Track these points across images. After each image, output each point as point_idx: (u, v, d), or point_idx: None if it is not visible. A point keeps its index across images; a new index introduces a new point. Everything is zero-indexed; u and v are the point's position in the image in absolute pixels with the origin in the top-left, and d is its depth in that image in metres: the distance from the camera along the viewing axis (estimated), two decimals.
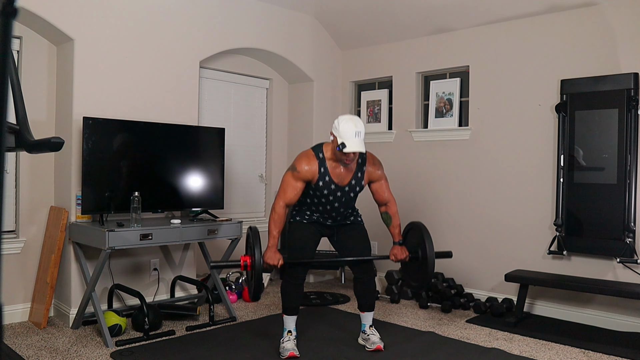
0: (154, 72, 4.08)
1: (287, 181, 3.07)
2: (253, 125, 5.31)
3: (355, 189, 3.17)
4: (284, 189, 3.07)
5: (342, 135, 2.89)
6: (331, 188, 3.09)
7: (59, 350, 3.18)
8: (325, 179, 3.06)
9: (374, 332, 3.30)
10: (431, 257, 3.10)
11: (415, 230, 3.27)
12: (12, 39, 0.81)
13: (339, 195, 3.13)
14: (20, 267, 3.75)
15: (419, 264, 3.22)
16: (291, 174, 3.07)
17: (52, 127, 3.88)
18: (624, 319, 3.74)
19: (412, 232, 3.32)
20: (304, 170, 3.04)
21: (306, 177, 3.04)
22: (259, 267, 2.87)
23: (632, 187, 3.70)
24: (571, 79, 3.96)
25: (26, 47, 3.75)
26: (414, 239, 3.28)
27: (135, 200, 3.49)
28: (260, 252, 2.91)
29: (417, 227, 3.25)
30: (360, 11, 4.91)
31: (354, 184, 3.14)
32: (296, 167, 3.06)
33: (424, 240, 3.15)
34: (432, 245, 3.14)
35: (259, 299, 3.04)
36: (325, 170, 3.06)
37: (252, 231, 3.02)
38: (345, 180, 3.11)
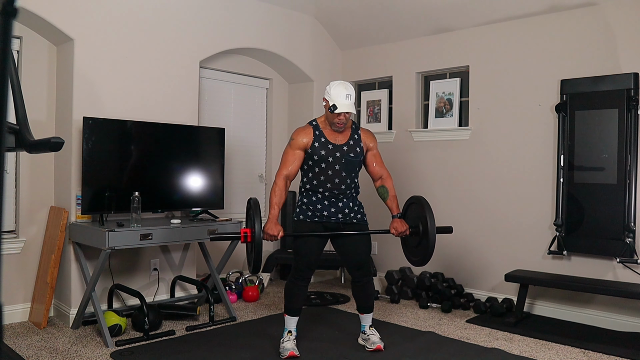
0: (154, 72, 4.08)
1: (286, 152, 3.16)
2: (253, 125, 5.31)
3: (355, 150, 3.17)
4: (283, 161, 3.14)
5: (333, 99, 3.01)
6: (329, 148, 3.11)
7: (59, 350, 3.18)
8: (321, 140, 3.12)
9: (373, 332, 3.30)
10: (432, 231, 3.06)
11: (417, 205, 3.23)
12: (12, 39, 0.81)
13: (338, 156, 3.12)
14: (20, 267, 3.75)
15: (419, 239, 3.17)
16: (288, 146, 3.16)
17: (52, 127, 3.88)
18: (624, 319, 3.74)
19: (413, 207, 3.27)
20: (299, 137, 3.12)
21: (302, 142, 3.11)
22: (259, 238, 2.87)
23: (632, 187, 3.70)
24: (571, 79, 3.96)
25: (26, 47, 3.75)
26: (415, 213, 3.23)
27: (135, 200, 3.49)
28: (261, 223, 2.90)
29: (419, 202, 3.21)
30: (360, 11, 4.91)
31: (352, 144, 3.17)
32: (292, 137, 3.16)
33: (425, 215, 3.10)
34: (434, 220, 3.10)
35: (259, 270, 3.03)
36: (320, 133, 3.13)
37: (253, 202, 3.01)
38: (342, 140, 3.16)
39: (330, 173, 3.12)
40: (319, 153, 3.09)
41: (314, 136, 3.12)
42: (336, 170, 3.12)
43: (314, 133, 3.13)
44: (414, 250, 3.27)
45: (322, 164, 3.11)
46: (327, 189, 3.14)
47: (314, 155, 3.10)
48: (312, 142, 3.11)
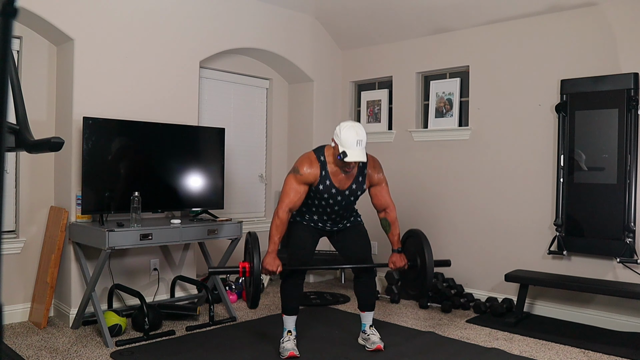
0: (154, 72, 4.08)
1: (290, 184, 3.03)
2: (253, 125, 5.31)
3: (356, 193, 3.15)
4: (287, 192, 3.03)
5: (343, 144, 2.86)
6: (331, 192, 3.07)
7: (59, 350, 3.18)
8: (326, 183, 3.04)
9: (374, 332, 3.30)
10: (430, 266, 3.07)
11: (415, 238, 3.25)
12: (12, 39, 0.81)
13: (339, 199, 3.11)
14: (20, 267, 3.75)
15: (417, 272, 3.20)
16: (294, 177, 3.02)
17: (52, 127, 3.88)
18: (624, 319, 3.74)
19: (411, 240, 3.30)
20: (307, 173, 3.00)
21: (308, 179, 3.02)
22: (257, 273, 2.85)
23: (632, 187, 3.70)
24: (571, 79, 3.96)
25: (26, 47, 3.75)
26: (413, 247, 3.26)
27: (135, 200, 3.49)
28: (260, 258, 2.89)
29: (417, 235, 3.23)
30: (360, 11, 4.91)
31: (355, 188, 3.12)
32: (299, 170, 3.02)
33: (423, 249, 3.13)
34: (431, 254, 3.11)
35: (257, 306, 3.00)
36: (326, 174, 3.03)
37: (252, 237, 3.01)
38: (345, 184, 3.08)
39: (328, 210, 3.16)
40: (322, 194, 3.08)
41: (320, 177, 3.02)
42: (334, 209, 3.16)
43: (320, 173, 3.02)
44: (411, 284, 3.30)
45: (322, 201, 3.12)
46: (321, 214, 3.18)
47: (317, 193, 3.08)
48: (318, 182, 3.04)
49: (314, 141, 5.31)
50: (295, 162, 3.11)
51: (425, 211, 4.86)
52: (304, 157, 3.09)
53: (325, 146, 3.12)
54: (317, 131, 5.34)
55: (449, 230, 4.70)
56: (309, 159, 3.05)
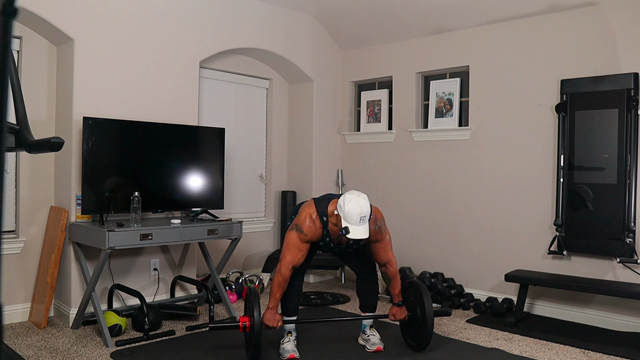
0: (154, 72, 4.08)
1: (294, 243, 2.98)
2: (253, 125, 5.31)
3: (353, 247, 3.16)
4: (290, 250, 2.98)
5: (347, 219, 2.81)
6: (330, 246, 3.12)
7: (59, 350, 3.18)
8: (326, 240, 3.07)
9: (374, 333, 3.30)
10: (430, 317, 3.09)
11: (414, 289, 3.27)
12: (12, 39, 0.81)
13: (336, 251, 3.19)
14: (20, 267, 3.75)
15: (418, 324, 3.22)
16: (297, 235, 2.98)
17: (52, 127, 3.88)
18: (624, 319, 3.74)
19: (411, 291, 3.31)
20: (310, 233, 2.98)
21: (312, 239, 3.01)
22: (258, 329, 2.85)
23: (632, 187, 3.70)
24: (571, 79, 3.96)
25: (26, 47, 3.75)
26: (413, 297, 3.27)
27: (135, 200, 3.49)
28: (260, 313, 2.88)
29: (416, 286, 3.25)
30: (360, 11, 4.91)
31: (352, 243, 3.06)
32: (302, 230, 2.97)
33: (422, 300, 3.14)
34: (431, 305, 3.13)
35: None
36: (327, 233, 3.03)
37: (252, 292, 3.00)
38: (345, 241, 3.03)
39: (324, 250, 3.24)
40: (321, 247, 3.15)
41: (321, 236, 3.03)
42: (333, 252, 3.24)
43: (322, 233, 3.01)
44: (413, 336, 3.30)
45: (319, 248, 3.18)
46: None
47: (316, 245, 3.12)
48: (319, 240, 3.06)
49: (314, 141, 5.31)
50: (298, 216, 3.04)
51: (425, 211, 4.86)
52: (307, 213, 3.01)
53: (330, 202, 3.01)
54: (317, 131, 5.34)
55: (449, 230, 4.70)
56: (311, 219, 2.98)
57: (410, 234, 4.94)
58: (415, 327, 3.24)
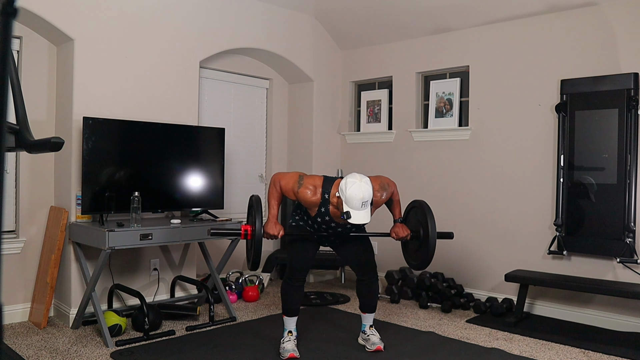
0: (154, 72, 4.08)
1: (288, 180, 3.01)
2: (253, 125, 5.31)
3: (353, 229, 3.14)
4: (287, 179, 3.01)
5: (348, 202, 2.78)
6: (331, 225, 3.07)
7: (59, 350, 3.18)
8: (325, 218, 3.03)
9: (374, 333, 3.30)
10: (432, 236, 3.04)
11: (418, 209, 3.21)
12: (12, 39, 0.81)
13: (339, 230, 3.12)
14: (20, 267, 3.75)
15: (419, 243, 3.16)
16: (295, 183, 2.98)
17: (52, 127, 3.88)
18: (624, 319, 3.74)
19: (415, 211, 3.25)
20: (304, 195, 2.95)
21: (303, 199, 2.97)
22: (259, 236, 2.87)
23: (632, 187, 3.70)
24: (571, 79, 3.96)
25: (26, 47, 3.75)
26: (416, 218, 3.22)
27: (135, 200, 3.49)
28: (261, 221, 2.90)
29: (420, 206, 3.19)
30: (360, 11, 4.91)
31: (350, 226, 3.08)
32: (302, 184, 2.96)
33: (426, 219, 3.08)
34: (435, 224, 3.07)
35: (258, 268, 3.07)
36: (325, 211, 2.99)
37: (254, 200, 3.00)
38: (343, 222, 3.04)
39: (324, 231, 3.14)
40: (319, 222, 3.06)
41: (317, 210, 2.99)
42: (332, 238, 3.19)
43: (319, 209, 2.99)
44: (413, 255, 3.26)
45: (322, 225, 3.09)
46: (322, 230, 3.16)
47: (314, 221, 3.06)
48: (315, 214, 3.02)
49: (314, 141, 5.31)
50: (307, 177, 3.03)
51: None
52: (314, 180, 3.00)
53: (335, 181, 2.99)
54: (317, 131, 5.34)
55: (449, 230, 4.69)
56: (314, 187, 2.96)
57: None
58: (417, 247, 3.20)
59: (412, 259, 3.27)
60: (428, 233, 3.06)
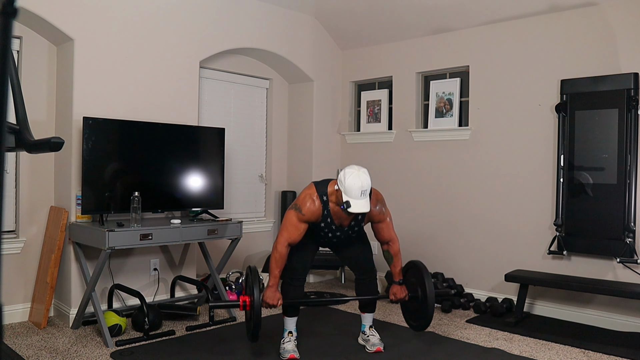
0: (154, 72, 4.08)
1: (292, 222, 2.98)
2: (253, 125, 5.31)
3: (355, 229, 3.15)
4: (287, 228, 2.99)
5: (348, 193, 2.81)
6: (332, 228, 3.09)
7: (59, 350, 3.18)
8: (327, 221, 3.04)
9: (373, 333, 3.30)
10: (431, 298, 3.09)
11: (415, 270, 3.26)
12: (12, 39, 0.81)
13: (339, 235, 3.14)
14: (20, 267, 3.75)
15: (419, 304, 3.21)
16: (295, 215, 2.98)
17: (52, 127, 3.88)
18: (624, 319, 3.74)
19: (412, 271, 3.30)
20: (309, 213, 2.97)
21: (310, 220, 2.99)
22: (258, 307, 2.86)
23: (632, 187, 3.70)
24: (571, 79, 3.96)
25: (26, 47, 3.75)
26: (414, 278, 3.27)
27: (135, 200, 3.49)
28: (260, 292, 2.89)
29: (417, 267, 3.24)
30: (360, 11, 4.91)
31: (354, 224, 3.11)
32: (301, 209, 2.97)
33: (423, 280, 3.14)
34: (432, 285, 3.12)
35: (258, 339, 3.02)
36: (328, 213, 3.01)
37: (252, 271, 3.01)
38: (346, 222, 3.07)
39: (326, 240, 3.17)
40: (323, 229, 3.08)
41: (321, 217, 3.00)
42: (332, 240, 3.18)
43: (322, 213, 3.00)
44: (413, 315, 3.30)
45: (321, 232, 3.12)
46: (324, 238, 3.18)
47: (317, 227, 3.07)
48: (319, 221, 3.03)
49: (314, 141, 5.31)
50: (298, 197, 3.06)
51: (425, 211, 4.86)
52: (306, 194, 3.01)
53: (329, 182, 3.03)
54: (317, 131, 5.34)
55: (449, 230, 4.70)
56: (312, 199, 2.98)
57: (410, 233, 4.93)
58: (416, 307, 3.23)
59: (412, 320, 3.31)
60: (426, 294, 3.09)
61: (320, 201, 2.98)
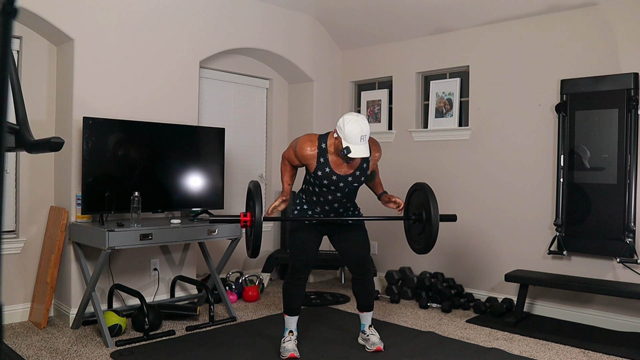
0: (154, 72, 4.08)
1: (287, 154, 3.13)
2: (253, 125, 5.31)
3: (360, 179, 3.08)
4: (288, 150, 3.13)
5: (347, 139, 2.80)
6: (332, 179, 3.01)
7: (59, 350, 3.18)
8: (325, 170, 2.99)
9: (373, 333, 3.30)
10: (435, 219, 3.02)
11: (420, 192, 3.18)
12: (12, 39, 0.81)
13: (341, 186, 3.05)
14: (20, 267, 3.75)
15: (422, 226, 3.14)
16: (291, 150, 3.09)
17: (52, 127, 3.88)
18: (624, 319, 3.74)
19: (417, 194, 3.23)
20: (301, 151, 3.00)
21: (302, 156, 3.00)
22: (258, 222, 2.82)
23: (632, 187, 3.70)
24: (571, 79, 3.96)
25: (26, 47, 3.75)
26: (419, 200, 3.19)
27: (135, 200, 3.49)
28: (261, 207, 2.87)
29: (422, 188, 3.16)
30: (360, 11, 4.91)
31: (359, 174, 3.05)
32: (297, 148, 3.03)
33: (428, 202, 3.05)
34: (437, 207, 3.05)
35: (258, 255, 3.03)
36: (325, 161, 2.98)
37: (254, 186, 2.95)
38: (348, 171, 3.02)
39: (330, 197, 3.09)
40: (321, 180, 3.02)
41: (317, 163, 2.97)
42: (336, 196, 3.10)
43: (317, 160, 2.97)
44: (417, 238, 3.23)
45: (323, 188, 3.06)
46: (325, 202, 3.12)
47: (316, 179, 3.03)
48: (315, 168, 2.99)
49: None
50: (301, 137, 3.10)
51: None
52: (307, 136, 3.07)
53: (330, 133, 3.04)
54: (317, 131, 5.32)
55: (449, 230, 4.70)
56: (310, 141, 3.01)
57: None
58: (420, 230, 3.18)
59: (416, 243, 3.25)
60: (431, 215, 3.03)
61: (318, 147, 2.98)
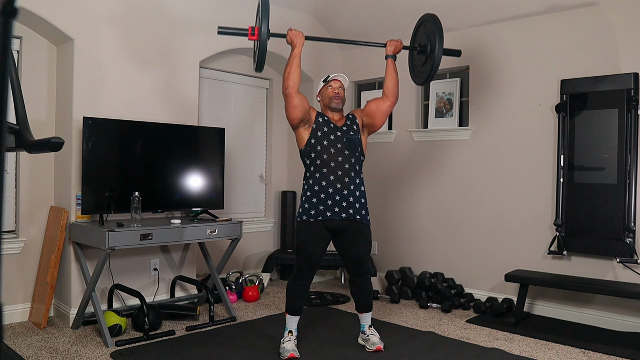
0: (154, 72, 4.08)
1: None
2: (253, 125, 5.31)
3: (353, 127, 3.23)
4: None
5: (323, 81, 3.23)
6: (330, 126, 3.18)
7: (59, 350, 3.18)
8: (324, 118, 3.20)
9: (373, 333, 3.30)
10: (439, 51, 3.06)
11: (430, 23, 3.18)
12: (12, 39, 0.81)
13: (339, 135, 3.17)
14: (20, 267, 3.75)
15: (425, 57, 3.16)
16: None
17: (52, 127, 3.88)
18: (624, 319, 3.74)
19: (425, 25, 3.24)
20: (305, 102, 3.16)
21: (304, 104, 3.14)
22: (264, 37, 2.99)
23: (632, 187, 3.70)
24: (571, 79, 3.96)
25: (26, 47, 3.75)
26: (426, 31, 3.20)
27: (135, 200, 3.49)
28: (268, 23, 3.01)
29: (431, 20, 3.17)
30: (360, 11, 4.91)
31: (350, 124, 3.24)
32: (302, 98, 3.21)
33: (435, 33, 3.06)
34: (442, 40, 3.07)
35: (262, 69, 3.28)
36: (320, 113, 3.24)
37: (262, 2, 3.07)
38: (340, 121, 3.24)
39: (332, 151, 3.11)
40: (322, 129, 3.16)
41: (316, 114, 3.21)
42: (338, 149, 3.13)
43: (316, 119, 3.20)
44: (417, 70, 3.31)
45: (324, 141, 3.13)
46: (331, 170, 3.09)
47: (317, 131, 3.15)
48: (315, 118, 3.18)
49: None
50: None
51: (425, 211, 4.86)
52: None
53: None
54: None
55: (449, 230, 4.70)
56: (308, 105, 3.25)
57: (410, 233, 4.94)
58: (422, 61, 3.19)
59: (416, 75, 3.36)
60: (435, 47, 3.06)
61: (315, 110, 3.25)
